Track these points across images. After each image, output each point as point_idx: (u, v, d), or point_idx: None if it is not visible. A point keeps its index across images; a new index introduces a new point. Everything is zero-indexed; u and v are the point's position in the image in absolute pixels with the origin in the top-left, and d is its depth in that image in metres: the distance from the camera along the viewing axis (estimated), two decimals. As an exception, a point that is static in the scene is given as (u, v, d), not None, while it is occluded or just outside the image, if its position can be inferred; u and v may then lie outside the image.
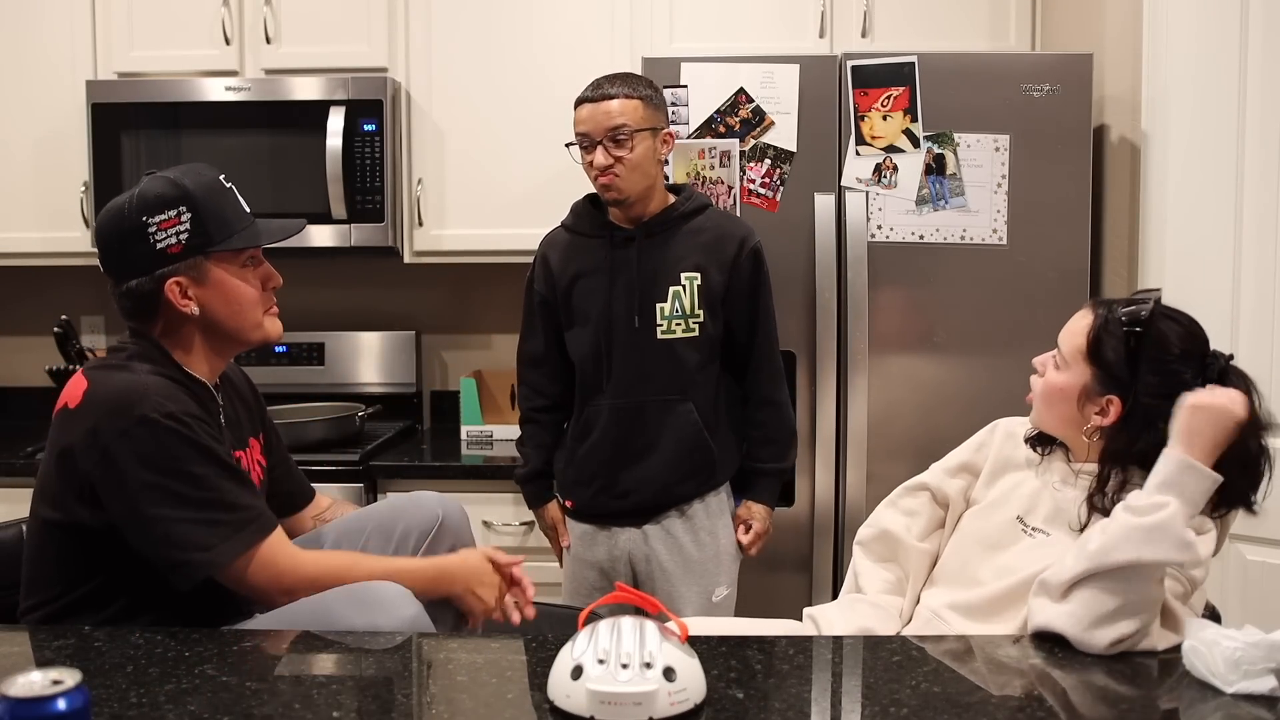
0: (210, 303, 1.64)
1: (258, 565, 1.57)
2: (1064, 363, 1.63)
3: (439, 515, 1.80)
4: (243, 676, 1.36)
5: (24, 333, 3.45)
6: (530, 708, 1.25)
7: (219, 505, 1.56)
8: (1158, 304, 1.59)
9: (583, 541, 2.34)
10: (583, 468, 2.30)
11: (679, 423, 2.24)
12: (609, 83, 2.20)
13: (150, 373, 1.59)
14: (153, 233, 1.59)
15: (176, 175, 1.63)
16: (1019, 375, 1.75)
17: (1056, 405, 1.64)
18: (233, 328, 1.67)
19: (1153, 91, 2.49)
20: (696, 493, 2.28)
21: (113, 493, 1.54)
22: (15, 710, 0.95)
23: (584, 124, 2.19)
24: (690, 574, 2.27)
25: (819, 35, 2.98)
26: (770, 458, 2.33)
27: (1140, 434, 1.54)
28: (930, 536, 1.80)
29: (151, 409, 1.52)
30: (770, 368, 2.32)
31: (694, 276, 2.23)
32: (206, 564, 1.54)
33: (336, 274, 3.41)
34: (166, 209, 1.59)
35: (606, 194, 2.20)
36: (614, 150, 2.15)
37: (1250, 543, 2.31)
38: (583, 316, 2.28)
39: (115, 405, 1.54)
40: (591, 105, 2.18)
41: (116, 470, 1.53)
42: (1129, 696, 1.30)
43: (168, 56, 3.06)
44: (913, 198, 2.59)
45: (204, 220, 1.61)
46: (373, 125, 2.94)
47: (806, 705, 1.26)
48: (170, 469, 1.53)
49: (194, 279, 1.62)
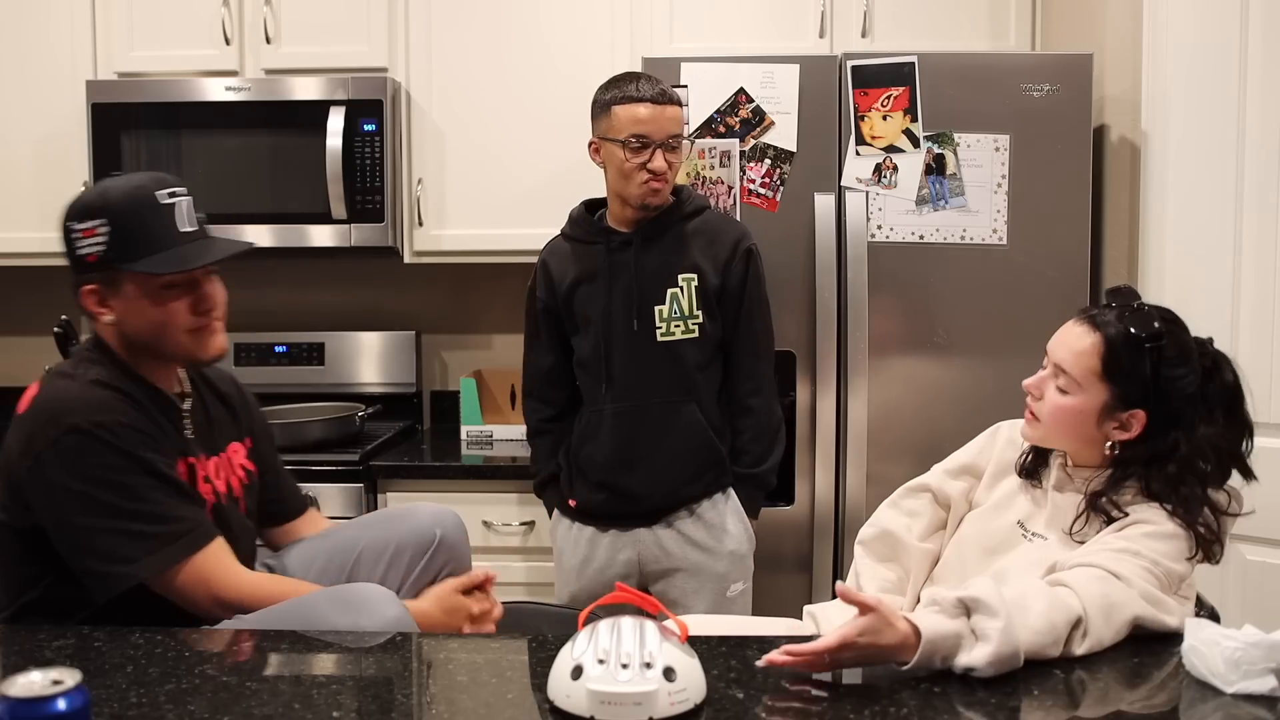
0: (125, 315, 1.60)
1: (192, 580, 1.54)
2: (1075, 385, 1.59)
3: (436, 535, 1.75)
4: (243, 676, 1.36)
5: (24, 333, 3.45)
6: (530, 708, 1.25)
7: (147, 517, 1.52)
8: (1153, 307, 1.60)
9: (584, 545, 2.33)
10: (587, 472, 2.30)
11: (684, 424, 2.25)
12: (661, 84, 2.21)
13: (95, 381, 1.56)
14: (75, 238, 1.58)
15: (112, 184, 1.60)
16: (1019, 375, 1.74)
17: (1072, 428, 1.61)
18: (152, 343, 1.62)
19: (1153, 91, 2.49)
20: (705, 492, 2.29)
21: (41, 500, 1.53)
22: (15, 710, 0.95)
23: (646, 124, 2.16)
24: (703, 573, 2.28)
25: (819, 35, 2.98)
26: (747, 464, 2.32)
27: (1161, 438, 1.55)
28: (931, 537, 1.80)
29: (82, 418, 1.51)
30: (752, 370, 2.30)
31: (691, 278, 2.23)
32: (127, 576, 1.51)
33: (336, 274, 3.41)
34: (87, 218, 1.57)
35: (652, 198, 2.20)
36: (669, 155, 2.18)
37: (1250, 543, 2.31)
38: (583, 322, 2.29)
39: (50, 413, 1.53)
40: (656, 107, 2.17)
41: (45, 478, 1.51)
42: (1129, 696, 1.30)
43: (168, 56, 3.06)
44: (913, 198, 2.59)
45: (122, 236, 1.56)
46: (373, 125, 2.94)
47: (806, 705, 1.26)
48: (98, 478, 1.51)
49: (110, 290, 1.59)
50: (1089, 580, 1.41)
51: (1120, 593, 1.41)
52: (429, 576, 1.74)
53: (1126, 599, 1.40)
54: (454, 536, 1.78)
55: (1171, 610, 1.44)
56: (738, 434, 2.31)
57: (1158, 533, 1.50)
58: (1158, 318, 1.57)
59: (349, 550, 1.75)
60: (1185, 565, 1.50)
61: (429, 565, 1.74)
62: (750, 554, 2.35)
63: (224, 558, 1.59)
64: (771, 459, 2.34)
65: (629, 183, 2.19)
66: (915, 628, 1.28)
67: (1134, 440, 1.58)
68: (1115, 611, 1.39)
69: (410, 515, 1.80)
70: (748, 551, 2.34)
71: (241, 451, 1.78)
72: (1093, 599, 1.38)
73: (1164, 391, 1.55)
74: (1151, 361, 1.55)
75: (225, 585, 1.56)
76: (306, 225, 2.98)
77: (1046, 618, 1.33)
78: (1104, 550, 1.49)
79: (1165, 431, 1.55)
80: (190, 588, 1.55)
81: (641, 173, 2.17)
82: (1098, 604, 1.38)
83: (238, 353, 3.30)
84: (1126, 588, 1.41)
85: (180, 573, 1.54)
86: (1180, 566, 1.49)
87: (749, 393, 2.31)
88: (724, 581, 2.30)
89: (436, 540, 1.74)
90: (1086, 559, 1.48)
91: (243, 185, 2.98)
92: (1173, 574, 1.48)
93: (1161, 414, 1.56)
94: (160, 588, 1.55)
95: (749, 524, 2.35)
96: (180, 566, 1.54)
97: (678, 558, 2.28)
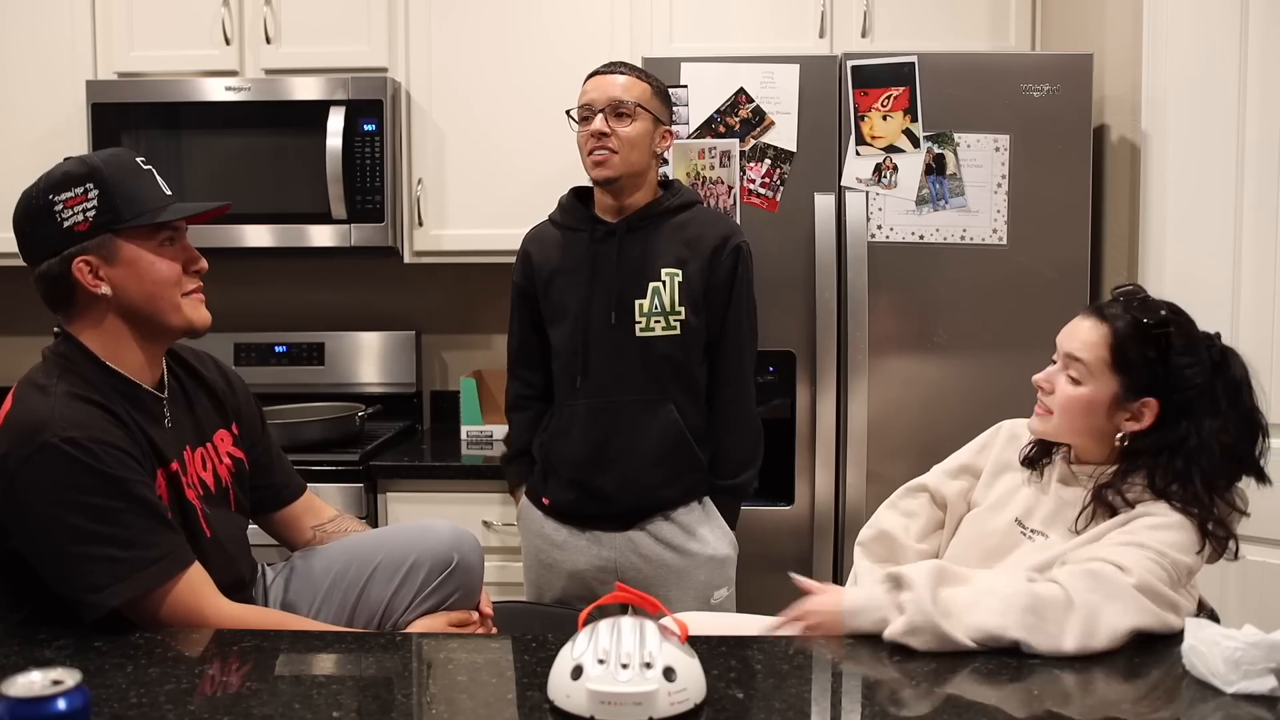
0: (123, 283, 1.55)
1: (169, 610, 1.51)
2: (1086, 375, 1.60)
3: (454, 559, 1.73)
4: (243, 676, 1.36)
5: (24, 333, 3.44)
6: (530, 708, 1.25)
7: (116, 541, 1.47)
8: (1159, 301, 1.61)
9: (559, 548, 2.27)
10: (560, 469, 2.24)
11: (659, 424, 2.18)
12: (621, 63, 2.21)
13: (67, 392, 1.52)
14: (59, 211, 1.53)
15: (85, 156, 1.58)
16: (1019, 375, 1.75)
17: (1082, 418, 1.62)
18: (149, 310, 1.57)
19: (1153, 91, 2.49)
20: (682, 498, 2.22)
21: (16, 523, 1.49)
22: (15, 710, 0.95)
23: (588, 94, 2.17)
24: (684, 580, 2.22)
25: (819, 35, 2.98)
26: (729, 472, 2.26)
27: (1170, 429, 1.56)
28: (929, 537, 1.80)
29: (54, 434, 1.46)
30: (736, 375, 2.25)
31: (675, 273, 2.17)
32: (98, 604, 1.47)
33: (336, 274, 3.41)
34: (73, 186, 1.53)
35: (597, 170, 2.15)
36: (613, 122, 2.13)
37: (1250, 543, 2.29)
38: (561, 312, 2.23)
39: (23, 430, 1.48)
40: (602, 77, 2.18)
41: (18, 499, 1.47)
42: (1129, 697, 1.30)
43: (168, 56, 3.06)
44: (913, 198, 2.59)
45: (112, 197, 1.53)
46: (373, 125, 2.94)
47: (806, 705, 1.26)
48: (69, 500, 1.46)
49: (104, 258, 1.54)
50: (1080, 575, 1.42)
51: (1116, 589, 1.40)
52: (440, 597, 1.73)
53: (1121, 595, 1.40)
54: (470, 560, 1.76)
55: (1176, 605, 1.44)
56: (718, 441, 2.25)
57: (1163, 524, 1.50)
58: (1165, 308, 1.60)
59: (368, 560, 1.74)
60: (1192, 558, 1.50)
61: (442, 586, 1.72)
62: (732, 560, 2.29)
63: (202, 586, 1.55)
64: (754, 467, 2.29)
65: (584, 158, 2.17)
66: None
67: (1144, 432, 1.58)
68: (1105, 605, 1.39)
69: (431, 531, 1.78)
70: (729, 557, 2.27)
71: (228, 439, 1.75)
72: (1079, 591, 1.40)
73: (1173, 380, 1.56)
74: (1159, 349, 1.56)
75: (206, 617, 1.53)
76: (306, 225, 2.98)
77: (1001, 613, 1.38)
78: (1106, 545, 1.49)
79: (1175, 422, 1.56)
80: (169, 619, 1.51)
81: (589, 142, 2.15)
82: (1084, 598, 1.39)
83: (237, 353, 3.30)
84: (1125, 583, 1.41)
85: (156, 603, 1.50)
86: (1189, 559, 1.49)
87: (732, 398, 2.25)
88: (706, 588, 2.23)
89: (454, 564, 1.73)
90: (1092, 556, 1.48)
91: (243, 185, 2.98)
92: (1180, 565, 1.48)
93: (1172, 403, 1.56)
94: (136, 617, 1.51)
95: (729, 530, 2.28)
96: (154, 594, 1.50)
97: (656, 564, 2.22)
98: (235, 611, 1.57)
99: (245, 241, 2.99)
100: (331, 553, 1.80)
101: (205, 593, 1.55)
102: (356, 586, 1.71)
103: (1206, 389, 1.57)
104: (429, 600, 1.72)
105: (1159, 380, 1.57)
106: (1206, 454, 1.54)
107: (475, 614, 1.77)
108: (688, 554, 2.23)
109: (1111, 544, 1.49)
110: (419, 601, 1.72)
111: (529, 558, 2.36)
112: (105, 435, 1.49)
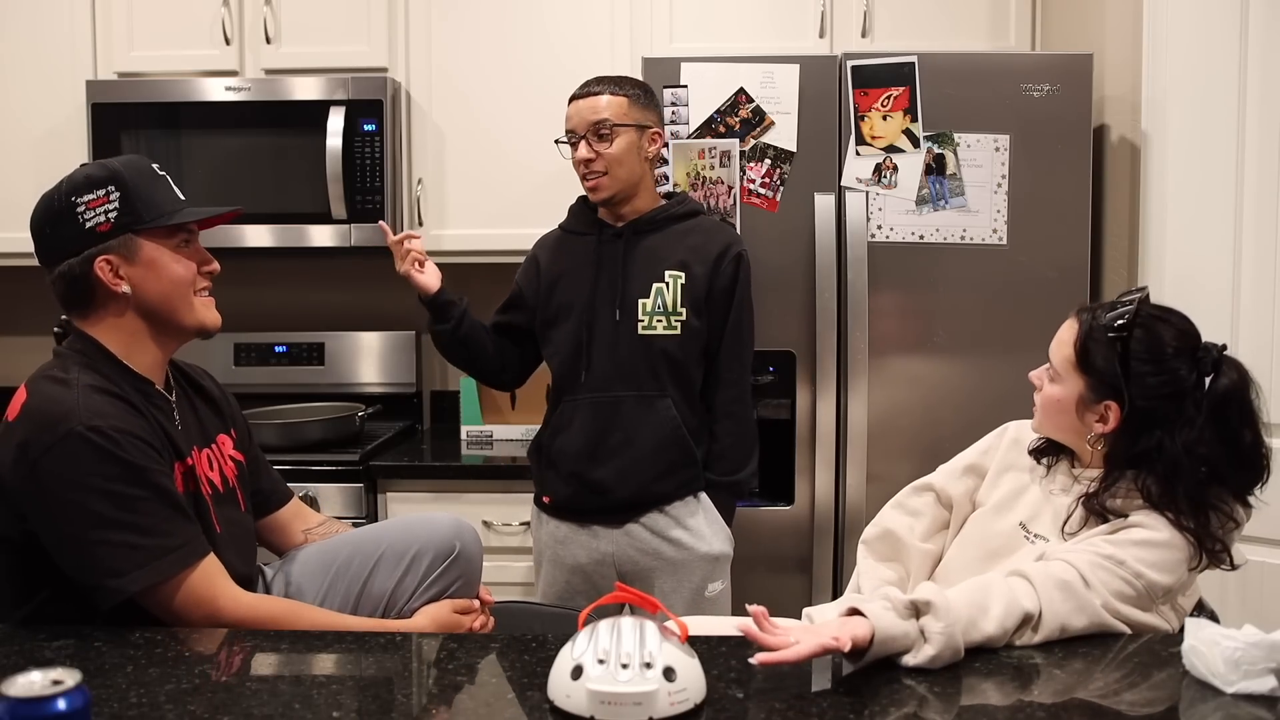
0: (142, 282, 1.61)
1: (185, 599, 1.53)
2: (1057, 375, 1.64)
3: (456, 547, 1.76)
4: (243, 676, 1.36)
5: (24, 333, 3.44)
6: (530, 708, 1.25)
7: (137, 529, 1.50)
8: (1144, 303, 1.60)
9: (562, 543, 2.33)
10: (559, 463, 2.30)
11: (657, 420, 2.24)
12: (596, 82, 2.25)
13: (88, 385, 1.55)
14: (81, 212, 1.58)
15: (104, 161, 1.63)
16: (1019, 375, 1.75)
17: (1057, 417, 1.65)
18: (166, 309, 1.63)
19: (1153, 91, 2.49)
20: (678, 492, 2.27)
21: (36, 510, 1.51)
22: (15, 710, 0.95)
23: (570, 120, 2.24)
24: (679, 574, 2.27)
25: (819, 35, 2.98)
26: (725, 470, 2.30)
27: (1140, 436, 1.55)
28: (934, 537, 1.80)
29: (79, 422, 1.49)
30: (736, 378, 2.30)
31: (678, 275, 2.24)
32: (116, 590, 1.49)
33: (336, 274, 3.41)
34: (95, 188, 1.58)
35: (591, 194, 2.25)
36: (596, 145, 2.20)
37: (1250, 543, 2.30)
38: (565, 310, 2.29)
39: (45, 420, 1.51)
40: (578, 101, 2.24)
41: (40, 487, 1.49)
42: (1129, 697, 1.30)
43: (168, 56, 3.06)
44: (913, 198, 2.59)
45: (133, 199, 1.59)
46: (373, 125, 2.95)
47: (806, 705, 1.26)
48: (92, 487, 1.49)
49: (124, 257, 1.59)
50: (1054, 587, 1.44)
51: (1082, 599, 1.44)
52: (443, 585, 1.75)
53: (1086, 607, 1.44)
54: (471, 551, 1.79)
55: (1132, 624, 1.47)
56: (716, 439, 2.30)
57: (1150, 540, 1.50)
58: (1139, 314, 1.58)
59: (371, 551, 1.76)
60: (1173, 577, 1.50)
61: (444, 574, 1.75)
62: (727, 555, 2.32)
63: (217, 576, 1.57)
64: (750, 465, 2.33)
65: (581, 181, 2.25)
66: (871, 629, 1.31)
67: (1114, 436, 1.58)
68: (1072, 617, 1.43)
69: (432, 522, 1.81)
70: (724, 552, 2.31)
71: (229, 443, 1.79)
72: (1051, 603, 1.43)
73: (1133, 386, 1.55)
74: (1118, 353, 1.56)
75: (221, 606, 1.55)
76: (306, 225, 2.98)
77: (1000, 623, 1.40)
78: (1087, 552, 1.49)
79: (1145, 429, 1.55)
80: (184, 608, 1.53)
81: (579, 168, 2.24)
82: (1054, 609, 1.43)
83: (237, 353, 3.31)
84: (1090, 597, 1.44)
85: (172, 591, 1.52)
86: (1165, 578, 1.49)
87: (731, 400, 2.30)
88: (701, 582, 2.28)
89: (455, 552, 1.76)
90: (1068, 555, 1.49)
91: (243, 185, 2.98)
92: (1155, 586, 1.48)
93: (1135, 409, 1.55)
94: (152, 606, 1.53)
95: (725, 525, 2.32)
96: (171, 583, 1.52)
97: (652, 556, 2.27)
98: (250, 600, 1.60)
99: (245, 241, 2.99)
100: (333, 546, 1.82)
101: (220, 582, 1.57)
102: (360, 577, 1.73)
103: (1175, 399, 1.54)
104: (432, 589, 1.74)
105: (1117, 384, 1.56)
106: (1182, 467, 1.52)
107: (477, 602, 1.80)
108: (683, 547, 2.27)
109: (1092, 552, 1.49)
110: (422, 590, 1.74)
111: (538, 558, 2.41)
112: (128, 425, 1.53)
